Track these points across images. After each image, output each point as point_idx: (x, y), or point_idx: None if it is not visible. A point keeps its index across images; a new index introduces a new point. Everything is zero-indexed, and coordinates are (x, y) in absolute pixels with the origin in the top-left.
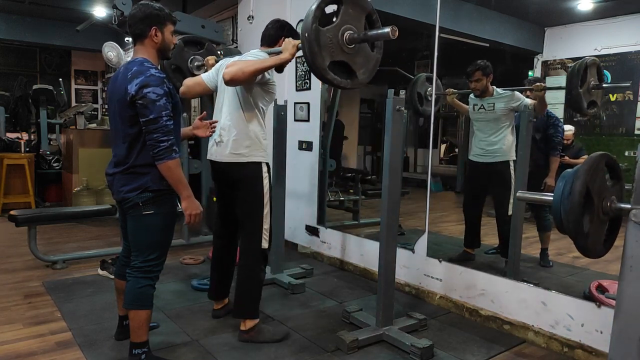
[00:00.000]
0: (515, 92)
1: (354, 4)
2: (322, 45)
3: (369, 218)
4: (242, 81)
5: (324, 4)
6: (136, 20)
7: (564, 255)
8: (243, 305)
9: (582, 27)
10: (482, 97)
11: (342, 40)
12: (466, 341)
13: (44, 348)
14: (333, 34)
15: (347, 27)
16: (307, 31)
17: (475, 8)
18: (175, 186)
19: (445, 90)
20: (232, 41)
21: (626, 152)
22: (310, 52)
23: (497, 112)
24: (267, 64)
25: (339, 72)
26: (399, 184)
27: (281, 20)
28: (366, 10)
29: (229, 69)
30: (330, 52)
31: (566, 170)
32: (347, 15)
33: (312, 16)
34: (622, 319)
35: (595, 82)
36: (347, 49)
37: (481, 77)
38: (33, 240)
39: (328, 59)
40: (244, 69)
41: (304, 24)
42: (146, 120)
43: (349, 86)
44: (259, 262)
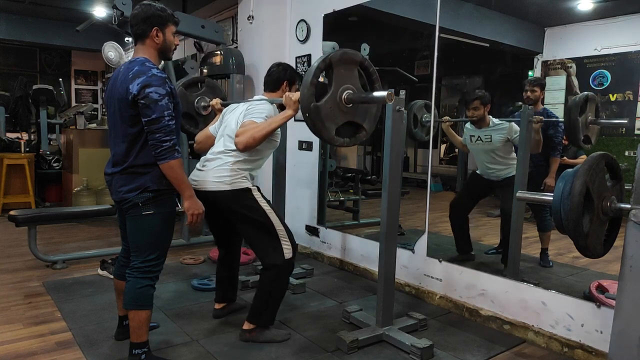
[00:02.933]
0: (512, 124)
1: (344, 63)
2: (324, 118)
3: (369, 218)
4: (255, 147)
5: (315, 79)
6: (138, 20)
7: (564, 255)
8: (260, 312)
9: (582, 27)
10: (479, 128)
11: (341, 102)
12: (466, 341)
13: (44, 348)
14: (331, 102)
15: (344, 88)
16: (306, 111)
17: (475, 8)
18: (178, 186)
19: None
20: (232, 41)
21: (626, 152)
22: (315, 130)
23: (495, 143)
24: (275, 126)
25: (347, 131)
26: (399, 184)
27: (282, 64)
28: (357, 62)
29: (239, 138)
30: (334, 119)
31: (566, 171)
32: (340, 76)
33: (307, 95)
34: (622, 319)
35: (592, 118)
36: (346, 108)
37: (479, 106)
38: (33, 240)
39: (333, 128)
40: (255, 136)
41: (302, 104)
42: (148, 120)
43: (360, 140)
44: (284, 276)
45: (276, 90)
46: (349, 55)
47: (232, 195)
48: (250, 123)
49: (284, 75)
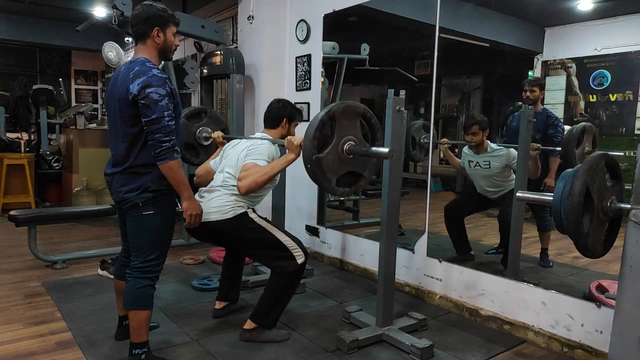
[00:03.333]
0: (510, 150)
1: (346, 115)
2: (325, 169)
3: (369, 218)
4: (257, 190)
5: (317, 133)
6: (139, 20)
7: (564, 255)
8: (266, 313)
9: (582, 27)
10: (477, 153)
11: (342, 153)
12: (466, 341)
13: (44, 348)
14: (333, 153)
15: (345, 140)
16: (308, 163)
17: (475, 8)
18: (177, 186)
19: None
20: (232, 41)
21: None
22: (316, 180)
23: (493, 170)
24: (277, 170)
25: (347, 180)
26: (399, 184)
27: (282, 100)
28: (359, 113)
29: (243, 182)
30: (335, 170)
31: (566, 170)
32: (342, 128)
33: (309, 147)
34: (622, 319)
35: (589, 149)
36: (348, 159)
37: (477, 131)
38: (33, 240)
39: (334, 178)
40: (257, 181)
41: (304, 155)
42: (148, 120)
43: (360, 189)
44: (295, 279)
45: (276, 127)
46: (352, 108)
47: (233, 222)
48: (253, 166)
49: (284, 112)
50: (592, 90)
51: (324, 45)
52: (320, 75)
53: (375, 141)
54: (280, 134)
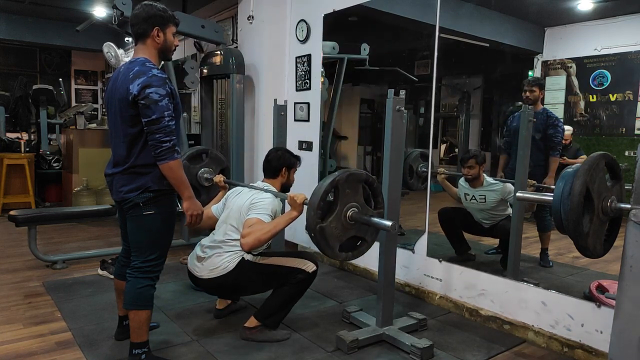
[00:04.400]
0: (506, 185)
1: (348, 183)
2: (329, 237)
3: None
4: (260, 247)
5: (321, 203)
6: (139, 20)
7: (564, 255)
8: (272, 313)
9: (582, 27)
10: (474, 187)
11: (345, 219)
12: (466, 341)
13: (44, 348)
14: (336, 221)
15: (348, 206)
16: (312, 232)
17: (475, 8)
18: (177, 186)
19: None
20: (232, 41)
21: (626, 152)
22: (320, 247)
23: (489, 204)
24: (280, 228)
25: (350, 245)
26: (399, 184)
27: (280, 149)
28: (362, 180)
29: (246, 240)
30: (338, 237)
31: (566, 170)
32: (345, 195)
33: (313, 217)
34: (622, 319)
35: None
36: (350, 224)
37: (474, 165)
38: (33, 240)
39: (337, 245)
40: (261, 238)
41: (308, 224)
42: (148, 120)
43: (361, 254)
44: (307, 283)
45: (276, 176)
46: (355, 176)
47: (232, 274)
48: (257, 222)
49: (282, 162)
50: (592, 90)
51: (324, 45)
52: (320, 75)
53: (377, 205)
54: (280, 183)
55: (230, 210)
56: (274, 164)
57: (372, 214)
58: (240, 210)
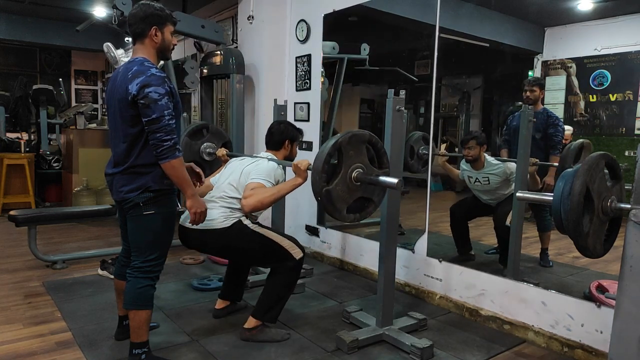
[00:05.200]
0: (508, 164)
1: (351, 144)
2: (335, 200)
3: (369, 218)
4: (261, 210)
5: (325, 165)
6: (137, 19)
7: (564, 255)
8: (268, 308)
9: (582, 27)
10: (475, 169)
11: (350, 181)
12: (466, 341)
13: (44, 348)
14: (342, 184)
15: (353, 168)
16: (318, 195)
17: (475, 8)
18: (180, 185)
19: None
20: (232, 41)
21: (626, 152)
22: (327, 211)
23: (493, 185)
24: (284, 193)
25: (358, 206)
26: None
27: (283, 122)
28: (365, 140)
29: (248, 200)
30: (344, 199)
31: (566, 170)
32: (349, 157)
33: (318, 181)
34: (622, 319)
35: None
36: (356, 186)
37: (474, 146)
38: (33, 240)
39: (344, 207)
40: (263, 201)
41: (314, 188)
42: (149, 119)
43: (369, 215)
44: (295, 273)
45: (279, 149)
46: (358, 137)
47: (227, 231)
48: (259, 186)
49: (286, 135)
50: (592, 90)
51: (324, 45)
52: (320, 75)
53: (382, 165)
54: (283, 155)
55: (231, 172)
56: (276, 137)
57: (377, 174)
58: (241, 172)
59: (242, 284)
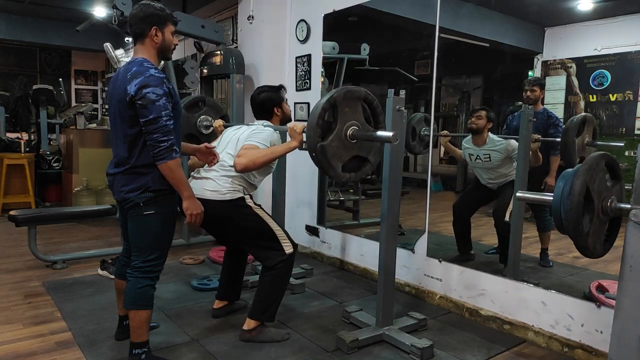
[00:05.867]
0: (510, 141)
1: (347, 100)
2: (330, 157)
3: (369, 218)
4: (252, 170)
5: (320, 120)
6: (137, 19)
7: (564, 255)
8: (264, 308)
9: (582, 27)
10: (477, 145)
11: (346, 138)
12: (466, 341)
13: (44, 348)
14: (337, 140)
15: (348, 125)
16: (313, 151)
17: (475, 8)
18: (176, 186)
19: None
20: (232, 41)
21: (626, 152)
22: (322, 168)
23: (494, 162)
24: (277, 155)
25: (353, 165)
26: (399, 184)
27: (262, 91)
28: (361, 97)
29: (240, 159)
30: (339, 156)
31: (566, 170)
32: (344, 114)
33: (313, 136)
34: (622, 319)
35: (589, 139)
36: (351, 144)
37: (483, 117)
38: (33, 240)
39: (340, 165)
40: (255, 161)
41: (308, 144)
42: (146, 120)
43: (367, 173)
44: (285, 271)
45: (271, 117)
46: (353, 93)
47: (226, 206)
48: (253, 147)
49: (272, 103)
50: (592, 90)
51: (324, 45)
52: (320, 75)
53: (378, 124)
54: (278, 121)
55: (228, 141)
56: (265, 108)
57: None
58: (237, 139)
59: (239, 283)
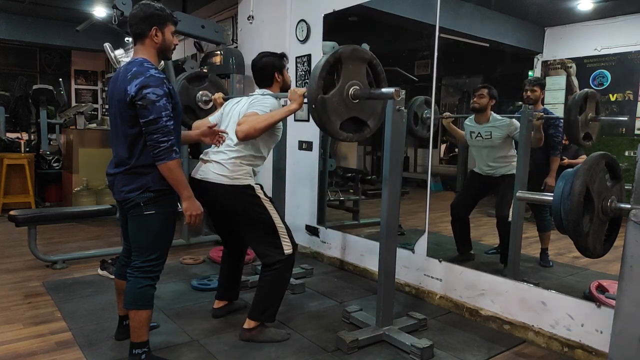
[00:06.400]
0: (513, 120)
1: (352, 59)
2: (330, 111)
3: (369, 218)
4: (255, 137)
5: (324, 73)
6: (137, 19)
7: (564, 255)
8: (264, 308)
9: (582, 27)
10: (479, 123)
11: (347, 97)
12: (466, 341)
13: (44, 348)
14: (338, 96)
15: (351, 84)
16: (313, 102)
17: (475, 8)
18: (176, 187)
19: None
20: (232, 41)
21: (626, 152)
22: (320, 122)
23: (495, 140)
24: (277, 118)
25: (351, 127)
26: (399, 184)
27: (263, 57)
28: (366, 59)
29: (241, 127)
30: (339, 113)
31: (566, 170)
32: (348, 72)
33: (315, 87)
34: (622, 319)
35: (592, 115)
36: (352, 104)
37: (485, 95)
38: (33, 240)
39: (338, 121)
40: (256, 127)
41: (309, 95)
42: (146, 121)
43: (364, 137)
44: (284, 271)
45: (271, 84)
46: (359, 52)
47: (234, 191)
48: (253, 114)
49: (273, 68)
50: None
51: (324, 45)
52: None
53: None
54: (278, 88)
55: (230, 118)
56: (265, 72)
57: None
58: (239, 114)
59: (237, 283)
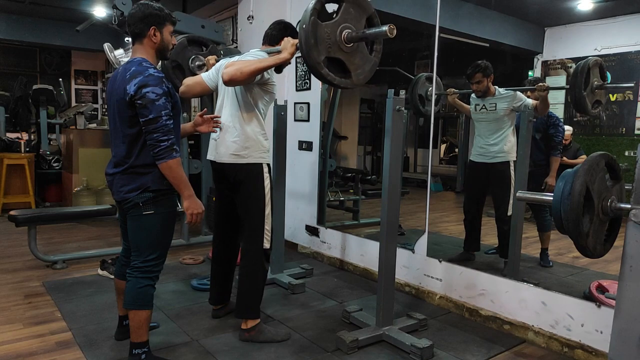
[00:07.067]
0: (517, 93)
1: (355, 4)
2: (319, 39)
3: (369, 218)
4: (241, 81)
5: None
6: (135, 19)
7: (564, 255)
8: (245, 305)
9: (582, 27)
10: (484, 98)
11: (340, 38)
12: (466, 341)
13: (44, 348)
14: (331, 30)
15: (346, 26)
16: (304, 23)
17: (475, 8)
18: (177, 185)
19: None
20: (232, 41)
21: (626, 152)
22: (306, 44)
23: (499, 112)
24: (266, 64)
25: (334, 69)
26: (399, 184)
27: (284, 21)
28: (368, 12)
29: (227, 69)
30: (327, 47)
31: (566, 170)
32: (347, 14)
33: (311, 9)
34: (622, 319)
35: (598, 82)
36: (344, 47)
37: (482, 79)
38: (33, 240)
39: (324, 54)
40: (243, 69)
41: (303, 17)
42: (146, 120)
43: (342, 85)
44: (261, 262)
45: (274, 45)
46: (363, 3)
47: (246, 169)
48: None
49: (285, 33)
50: None
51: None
52: None
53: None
54: None
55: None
56: (275, 32)
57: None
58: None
59: (227, 287)
